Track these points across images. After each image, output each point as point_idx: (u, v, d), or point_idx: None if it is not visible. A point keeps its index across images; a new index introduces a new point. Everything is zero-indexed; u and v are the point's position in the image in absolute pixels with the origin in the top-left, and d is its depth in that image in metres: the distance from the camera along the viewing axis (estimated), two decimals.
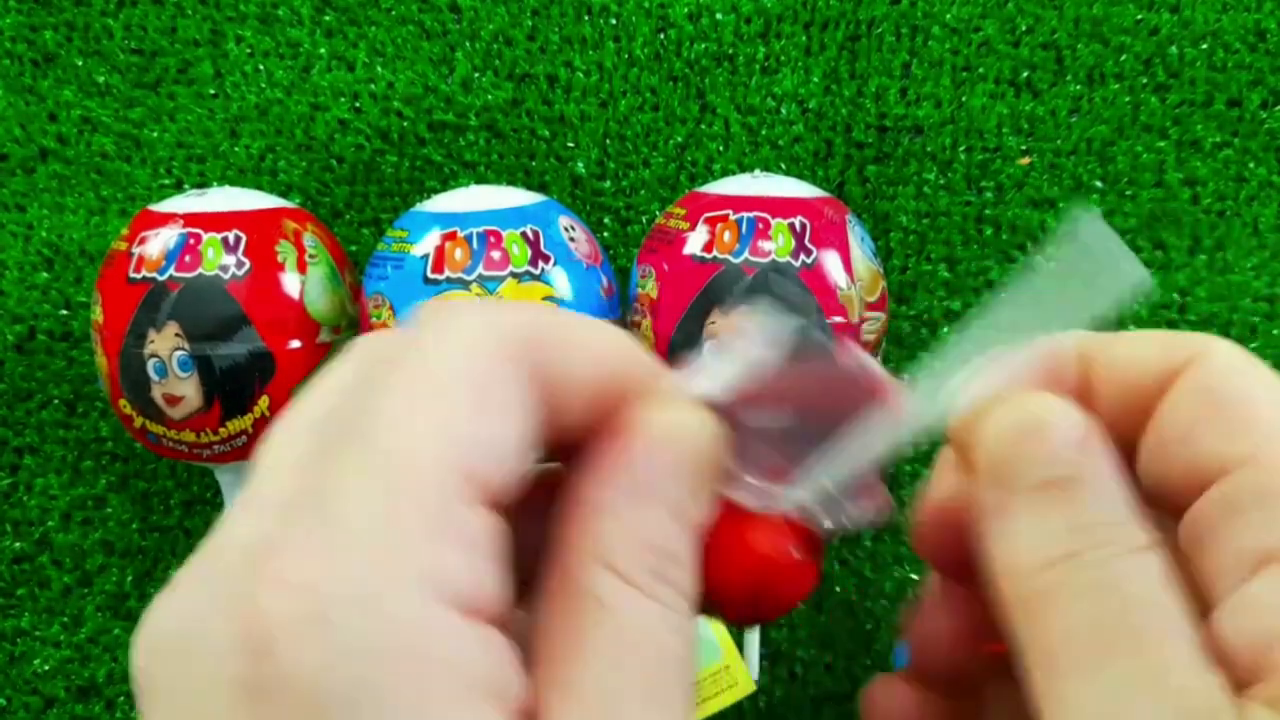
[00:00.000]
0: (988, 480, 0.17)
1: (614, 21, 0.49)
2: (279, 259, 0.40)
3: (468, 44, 0.49)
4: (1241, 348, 0.18)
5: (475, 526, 0.14)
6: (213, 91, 0.49)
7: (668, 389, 0.18)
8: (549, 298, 0.39)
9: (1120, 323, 0.46)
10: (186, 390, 0.39)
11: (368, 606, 0.13)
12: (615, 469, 0.16)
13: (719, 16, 0.48)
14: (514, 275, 0.38)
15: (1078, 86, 0.47)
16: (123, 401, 0.40)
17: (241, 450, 0.40)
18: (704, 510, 0.17)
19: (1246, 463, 0.16)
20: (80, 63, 0.50)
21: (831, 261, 0.39)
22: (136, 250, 0.39)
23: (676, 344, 0.39)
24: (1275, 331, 0.46)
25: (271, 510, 0.14)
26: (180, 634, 0.14)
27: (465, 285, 0.38)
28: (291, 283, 0.40)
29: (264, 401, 0.39)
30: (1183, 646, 0.15)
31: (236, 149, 0.49)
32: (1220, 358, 0.17)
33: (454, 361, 0.15)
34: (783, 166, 0.48)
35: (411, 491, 0.14)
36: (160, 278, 0.39)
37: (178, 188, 0.49)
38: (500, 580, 0.15)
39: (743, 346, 0.18)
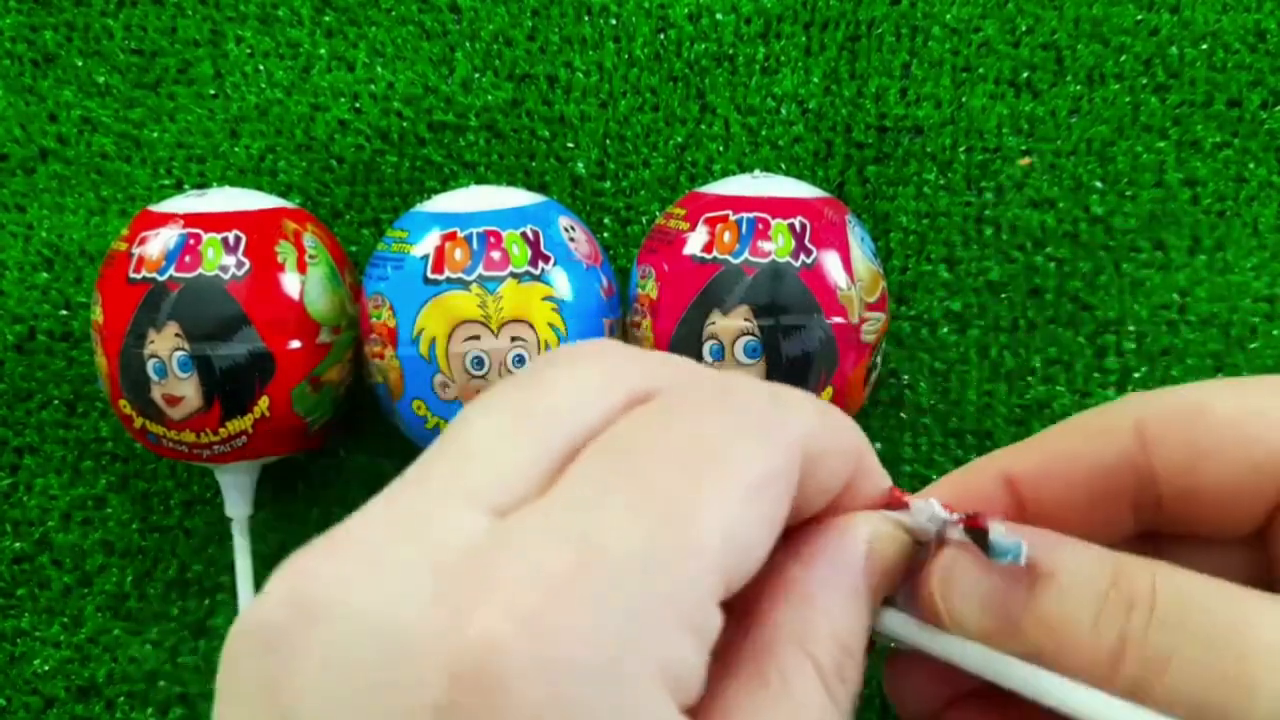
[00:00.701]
0: (1007, 642, 0.17)
1: (614, 22, 0.49)
2: (279, 259, 0.40)
3: (468, 44, 0.49)
4: None
5: (713, 625, 0.14)
6: (213, 91, 0.49)
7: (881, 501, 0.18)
8: (549, 298, 0.39)
9: (1121, 322, 0.46)
10: (186, 390, 0.39)
11: (608, 682, 0.12)
12: (839, 567, 0.17)
13: (719, 17, 0.48)
14: (514, 275, 0.38)
15: (1078, 86, 0.47)
16: (122, 402, 0.40)
17: (242, 450, 0.40)
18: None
19: None
20: (80, 63, 0.50)
21: (831, 262, 0.39)
22: (136, 250, 0.39)
23: (676, 344, 0.39)
24: (1275, 332, 0.46)
25: (505, 507, 0.13)
26: (370, 617, 0.12)
27: (465, 286, 0.38)
28: (291, 283, 0.40)
29: (264, 402, 0.39)
30: None
31: (236, 149, 0.49)
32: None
33: (762, 454, 0.14)
34: (783, 167, 0.48)
35: (683, 574, 0.13)
36: (160, 278, 0.39)
37: (178, 188, 0.49)
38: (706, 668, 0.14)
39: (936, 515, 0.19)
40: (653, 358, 0.17)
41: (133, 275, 0.39)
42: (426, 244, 0.39)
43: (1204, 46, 0.47)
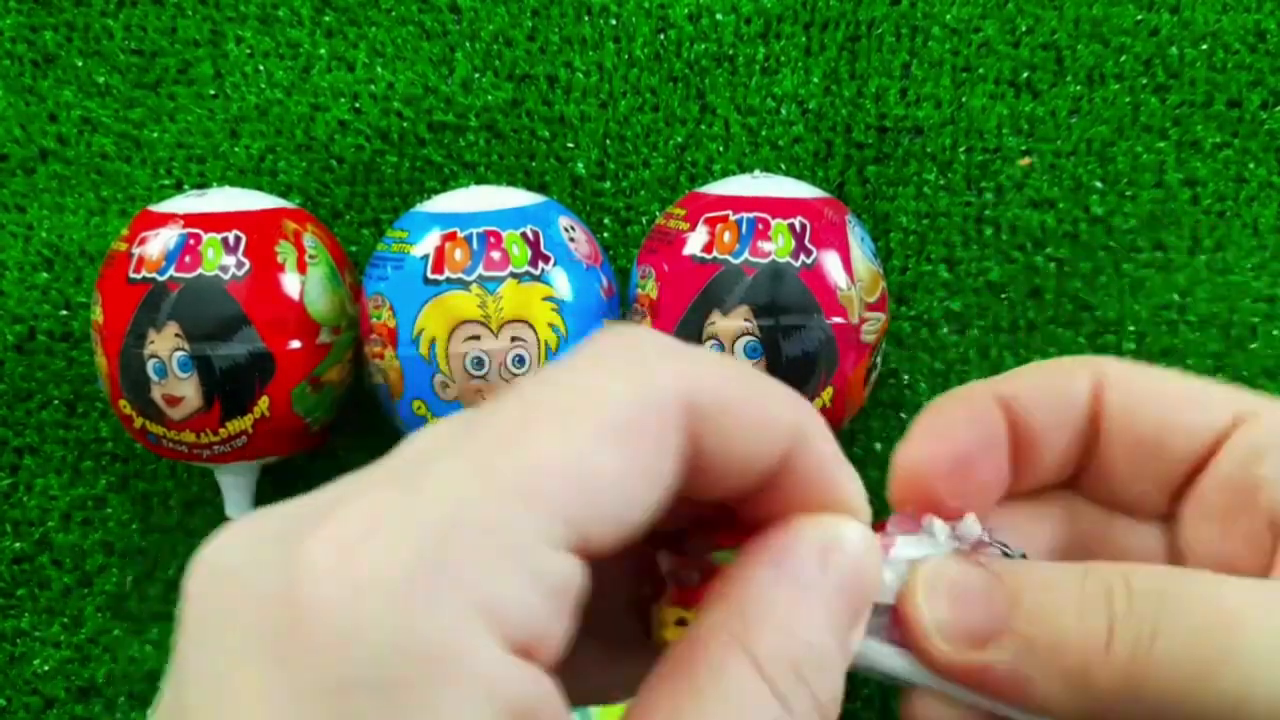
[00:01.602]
0: (976, 655, 0.17)
1: (614, 22, 0.49)
2: (279, 259, 0.40)
3: (468, 44, 0.49)
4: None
5: (556, 574, 0.13)
6: (213, 92, 0.49)
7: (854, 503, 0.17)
8: (549, 298, 0.39)
9: (1120, 322, 0.46)
10: (186, 391, 0.39)
11: (412, 602, 0.12)
12: (803, 563, 0.16)
13: (719, 17, 0.48)
14: (514, 276, 0.38)
15: (1078, 87, 0.47)
16: (123, 402, 0.40)
17: (241, 451, 0.40)
18: (857, 642, 0.16)
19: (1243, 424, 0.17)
20: (80, 63, 0.50)
21: (831, 262, 0.39)
22: (136, 250, 0.39)
23: None
24: (1275, 332, 0.46)
25: (368, 478, 0.14)
26: (232, 567, 0.13)
27: (465, 286, 0.38)
28: (291, 283, 0.40)
29: (264, 402, 0.39)
30: None
31: (236, 149, 0.49)
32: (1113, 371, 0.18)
33: (613, 402, 0.14)
34: (783, 167, 0.48)
35: (506, 510, 0.13)
36: (160, 278, 0.39)
37: (178, 188, 0.49)
38: (565, 629, 0.14)
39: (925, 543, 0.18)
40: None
41: (133, 275, 0.39)
42: (426, 244, 0.39)
43: (1204, 46, 0.47)
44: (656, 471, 0.14)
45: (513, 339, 0.38)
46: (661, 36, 0.49)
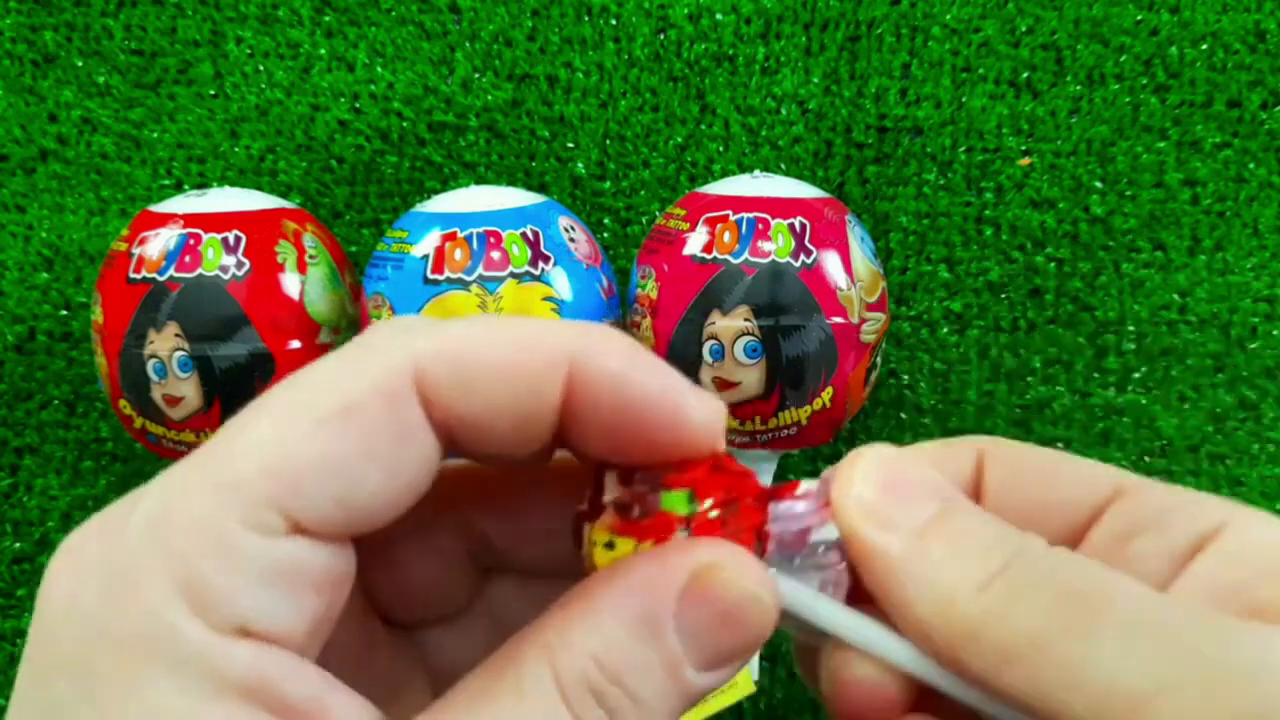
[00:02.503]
0: (877, 534, 0.17)
1: (614, 22, 0.49)
2: (279, 259, 0.40)
3: (468, 44, 0.49)
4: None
5: (269, 557, 0.14)
6: (213, 92, 0.49)
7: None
8: (549, 298, 0.39)
9: (1121, 322, 0.46)
10: (186, 391, 0.39)
11: (113, 593, 0.13)
12: (637, 588, 0.15)
13: (719, 17, 0.48)
14: (514, 276, 0.38)
15: (1078, 87, 0.47)
16: (123, 402, 0.40)
17: None
18: (710, 683, 0.16)
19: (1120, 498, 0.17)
20: (80, 63, 0.50)
21: (831, 262, 0.39)
22: (136, 251, 0.39)
23: (676, 344, 0.39)
24: (1275, 332, 0.46)
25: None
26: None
27: (465, 286, 0.38)
28: (291, 283, 0.40)
29: None
30: (1150, 593, 0.15)
31: (236, 149, 0.49)
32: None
33: (323, 390, 0.14)
34: (783, 167, 0.48)
35: (203, 499, 0.14)
36: (160, 278, 0.39)
37: (178, 188, 0.49)
38: (296, 606, 0.14)
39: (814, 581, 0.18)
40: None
41: (133, 275, 0.39)
42: (426, 244, 0.39)
43: (1204, 46, 0.47)
44: (389, 448, 0.14)
45: None
46: (661, 36, 0.49)
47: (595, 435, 0.16)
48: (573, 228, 0.41)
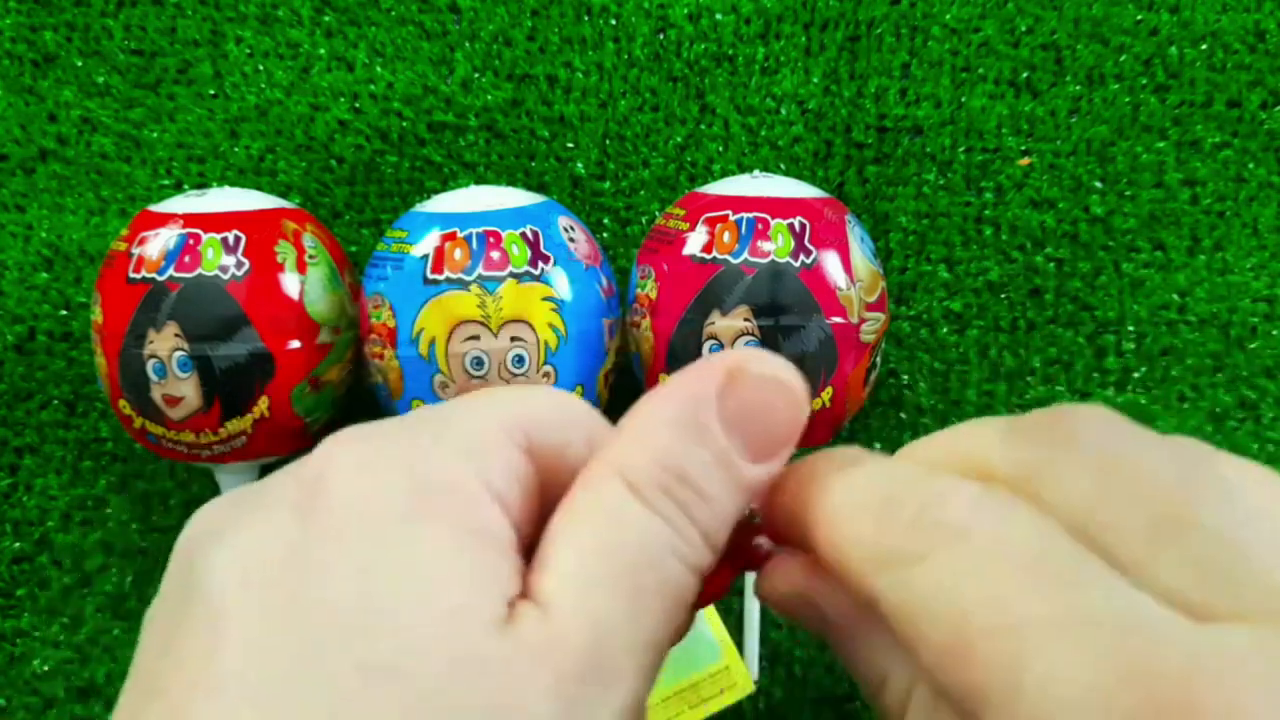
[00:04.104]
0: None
1: (614, 22, 0.49)
2: (279, 259, 0.40)
3: (468, 44, 0.49)
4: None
5: (518, 461, 0.17)
6: (213, 92, 0.49)
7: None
8: (548, 298, 0.39)
9: (1121, 322, 0.46)
10: (186, 391, 0.39)
11: (416, 455, 0.17)
12: (678, 395, 0.17)
13: (719, 17, 0.48)
14: (514, 276, 0.38)
15: (1078, 86, 0.47)
16: (122, 402, 0.40)
17: (241, 451, 0.40)
18: (763, 475, 0.17)
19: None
20: (80, 63, 0.50)
21: (831, 262, 0.39)
22: (136, 251, 0.39)
23: (676, 344, 0.39)
24: (1275, 332, 0.46)
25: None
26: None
27: (465, 286, 0.38)
28: (291, 283, 0.40)
29: (264, 402, 0.39)
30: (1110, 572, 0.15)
31: (236, 149, 0.49)
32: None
33: (468, 435, 0.18)
34: (782, 167, 0.48)
35: (482, 416, 0.18)
36: (160, 278, 0.39)
37: (177, 188, 0.49)
38: (525, 505, 0.17)
39: None
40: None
41: (132, 275, 0.39)
42: (426, 244, 0.39)
43: (1204, 46, 0.47)
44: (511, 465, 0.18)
45: (512, 339, 0.38)
46: (661, 36, 0.49)
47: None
48: (572, 228, 0.41)
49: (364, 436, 0.17)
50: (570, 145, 0.49)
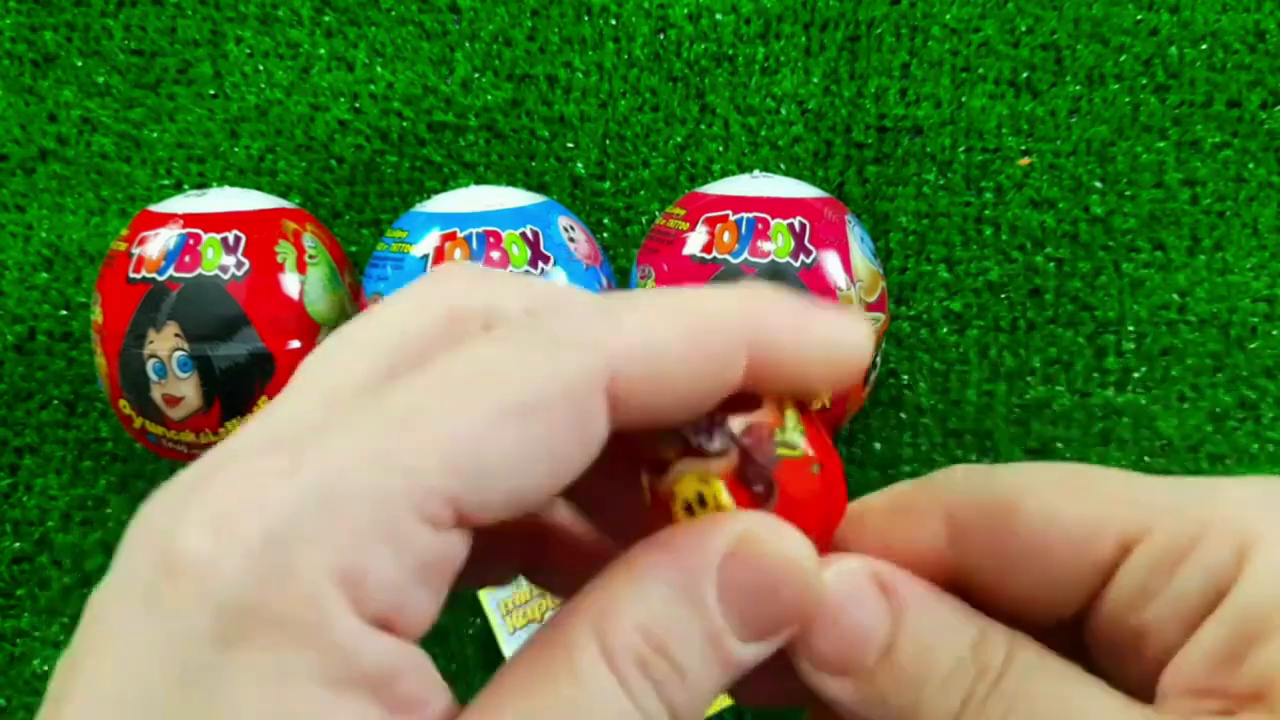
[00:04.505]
0: (830, 684, 0.16)
1: (614, 22, 0.49)
2: (279, 259, 0.40)
3: (467, 44, 0.49)
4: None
5: (427, 550, 0.13)
6: (213, 92, 0.49)
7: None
8: None
9: (1121, 322, 0.46)
10: (186, 391, 0.39)
11: (270, 566, 0.13)
12: (677, 557, 0.15)
13: (719, 17, 0.48)
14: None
15: (1078, 86, 0.47)
16: (122, 402, 0.40)
17: None
18: (755, 655, 0.15)
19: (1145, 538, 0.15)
20: (80, 63, 0.50)
21: (831, 262, 0.39)
22: (136, 250, 0.39)
23: None
24: (1275, 332, 0.46)
25: (267, 433, 0.14)
26: (146, 516, 0.14)
27: None
28: (291, 283, 0.40)
29: (264, 402, 0.39)
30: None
31: (236, 149, 0.49)
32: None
33: (513, 381, 0.14)
34: (782, 167, 0.48)
35: (377, 483, 0.13)
36: (160, 278, 0.39)
37: (177, 188, 0.49)
38: (433, 603, 0.14)
39: None
40: (494, 279, 0.17)
41: (132, 275, 0.39)
42: (426, 244, 0.39)
43: (1204, 46, 0.47)
44: (567, 449, 0.14)
45: None
46: (661, 36, 0.49)
47: (764, 382, 0.16)
48: (572, 228, 0.41)
49: (210, 494, 0.14)
50: (570, 145, 0.49)
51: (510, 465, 0.14)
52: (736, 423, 0.16)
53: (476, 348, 0.14)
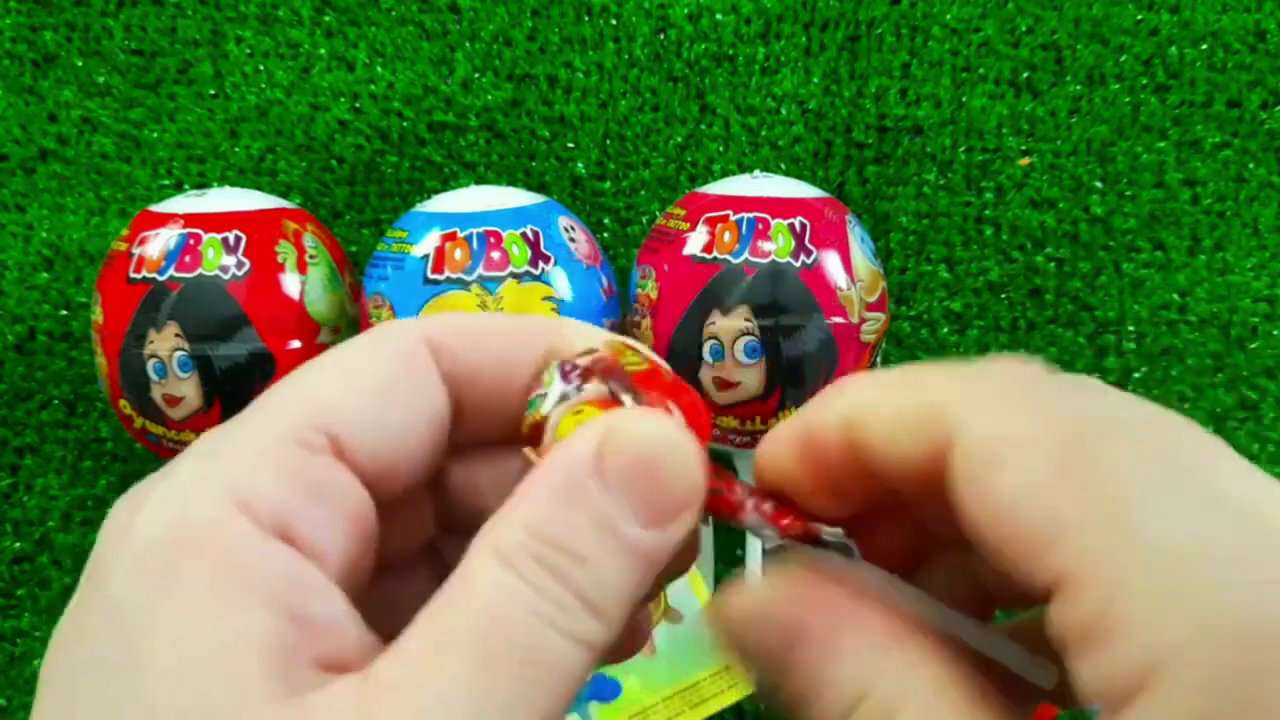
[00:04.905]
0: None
1: (614, 22, 0.49)
2: (279, 259, 0.40)
3: (468, 44, 0.49)
4: (992, 408, 0.16)
5: (311, 472, 0.16)
6: (213, 92, 0.49)
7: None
8: (549, 298, 0.39)
9: (1121, 322, 0.46)
10: (186, 391, 0.39)
11: (165, 508, 0.15)
12: (553, 465, 0.16)
13: (719, 17, 0.48)
14: (514, 276, 0.38)
15: (1078, 86, 0.47)
16: (123, 402, 0.40)
17: None
18: (660, 540, 0.16)
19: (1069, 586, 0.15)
20: (80, 63, 0.50)
21: (831, 262, 0.39)
22: (136, 251, 0.39)
23: (676, 344, 0.39)
24: (1275, 332, 0.46)
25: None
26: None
27: (465, 286, 0.38)
28: (291, 283, 0.40)
29: None
30: None
31: (236, 149, 0.49)
32: (973, 448, 0.16)
33: (349, 350, 0.18)
34: (783, 167, 0.48)
35: (265, 431, 0.16)
36: (160, 278, 0.39)
37: (178, 188, 0.49)
38: (334, 527, 0.16)
39: None
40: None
41: (133, 275, 0.39)
42: (426, 244, 0.39)
43: (1204, 46, 0.47)
44: (408, 394, 0.17)
45: None
46: (661, 36, 0.49)
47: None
48: (573, 228, 0.41)
49: (139, 488, 0.16)
50: (570, 145, 0.49)
51: (363, 402, 0.17)
52: (584, 360, 0.18)
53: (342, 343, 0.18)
